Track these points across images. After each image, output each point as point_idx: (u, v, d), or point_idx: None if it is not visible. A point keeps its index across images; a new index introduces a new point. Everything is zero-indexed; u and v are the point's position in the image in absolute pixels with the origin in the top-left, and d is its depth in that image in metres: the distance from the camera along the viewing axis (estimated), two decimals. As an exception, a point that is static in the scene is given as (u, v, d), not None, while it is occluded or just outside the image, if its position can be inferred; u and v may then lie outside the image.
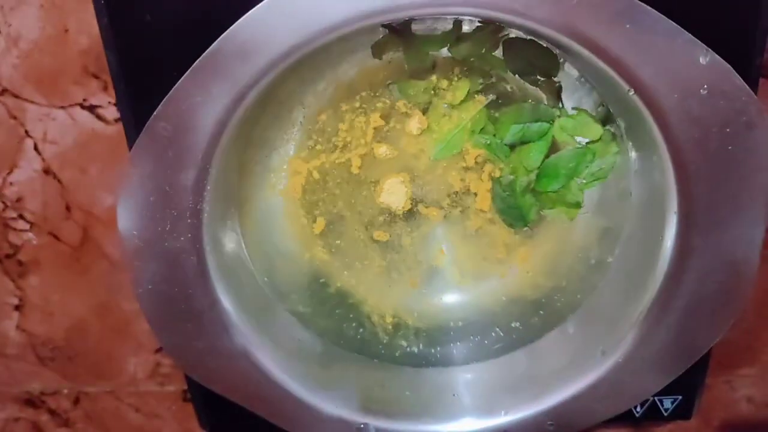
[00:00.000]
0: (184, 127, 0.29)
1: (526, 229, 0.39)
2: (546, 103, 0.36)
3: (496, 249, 0.41)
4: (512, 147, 0.37)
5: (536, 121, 0.36)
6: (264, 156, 0.38)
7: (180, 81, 0.28)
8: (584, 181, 0.37)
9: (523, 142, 0.36)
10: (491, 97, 0.36)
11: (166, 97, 0.29)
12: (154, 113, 0.29)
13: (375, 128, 0.37)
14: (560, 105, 0.36)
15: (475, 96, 0.36)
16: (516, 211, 0.38)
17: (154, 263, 0.32)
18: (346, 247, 0.41)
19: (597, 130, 0.35)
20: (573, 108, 0.36)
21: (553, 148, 0.37)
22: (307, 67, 0.33)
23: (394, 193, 0.39)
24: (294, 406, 0.36)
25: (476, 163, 0.38)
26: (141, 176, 0.30)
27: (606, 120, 0.36)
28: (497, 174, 0.38)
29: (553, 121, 0.36)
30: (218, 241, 0.34)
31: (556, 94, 0.36)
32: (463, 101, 0.36)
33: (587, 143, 0.36)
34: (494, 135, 0.36)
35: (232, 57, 0.28)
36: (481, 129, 0.36)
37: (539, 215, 0.38)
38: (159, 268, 0.32)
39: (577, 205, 0.37)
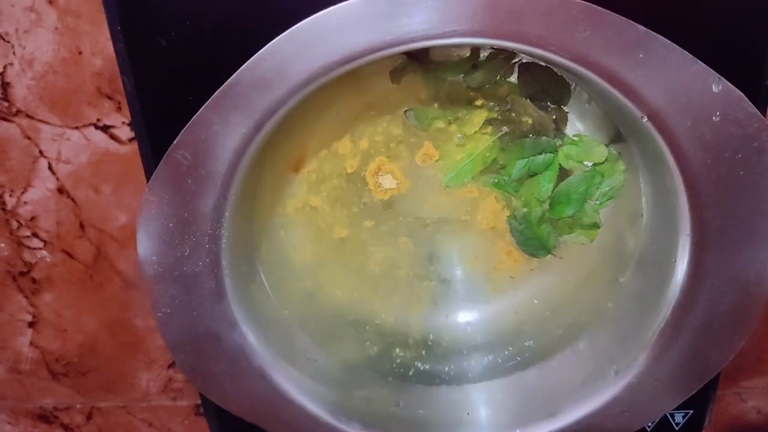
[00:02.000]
0: (203, 156, 0.29)
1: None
2: (547, 129, 0.36)
3: (509, 268, 0.41)
4: (521, 180, 0.37)
5: (539, 153, 0.36)
6: (280, 181, 0.38)
7: (200, 111, 0.29)
8: (597, 202, 0.37)
9: (530, 175, 0.37)
10: (504, 129, 0.36)
11: (186, 126, 0.29)
12: (174, 142, 0.29)
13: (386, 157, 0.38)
14: (562, 134, 0.36)
15: (489, 127, 0.36)
16: (536, 241, 0.39)
17: (173, 287, 0.32)
18: (359, 265, 0.41)
19: (602, 152, 0.36)
20: (574, 135, 0.36)
21: (562, 174, 0.37)
22: (325, 92, 0.34)
23: (384, 182, 0.39)
24: (311, 427, 0.36)
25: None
26: (160, 203, 0.30)
27: (616, 139, 0.36)
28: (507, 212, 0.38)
29: (556, 151, 0.36)
30: (236, 265, 0.34)
31: (561, 122, 0.36)
32: (476, 131, 0.36)
33: (593, 165, 0.36)
34: (503, 167, 0.37)
35: (251, 88, 0.28)
36: (492, 160, 0.37)
37: (559, 242, 0.39)
38: (178, 292, 0.32)
39: (595, 225, 0.38)
